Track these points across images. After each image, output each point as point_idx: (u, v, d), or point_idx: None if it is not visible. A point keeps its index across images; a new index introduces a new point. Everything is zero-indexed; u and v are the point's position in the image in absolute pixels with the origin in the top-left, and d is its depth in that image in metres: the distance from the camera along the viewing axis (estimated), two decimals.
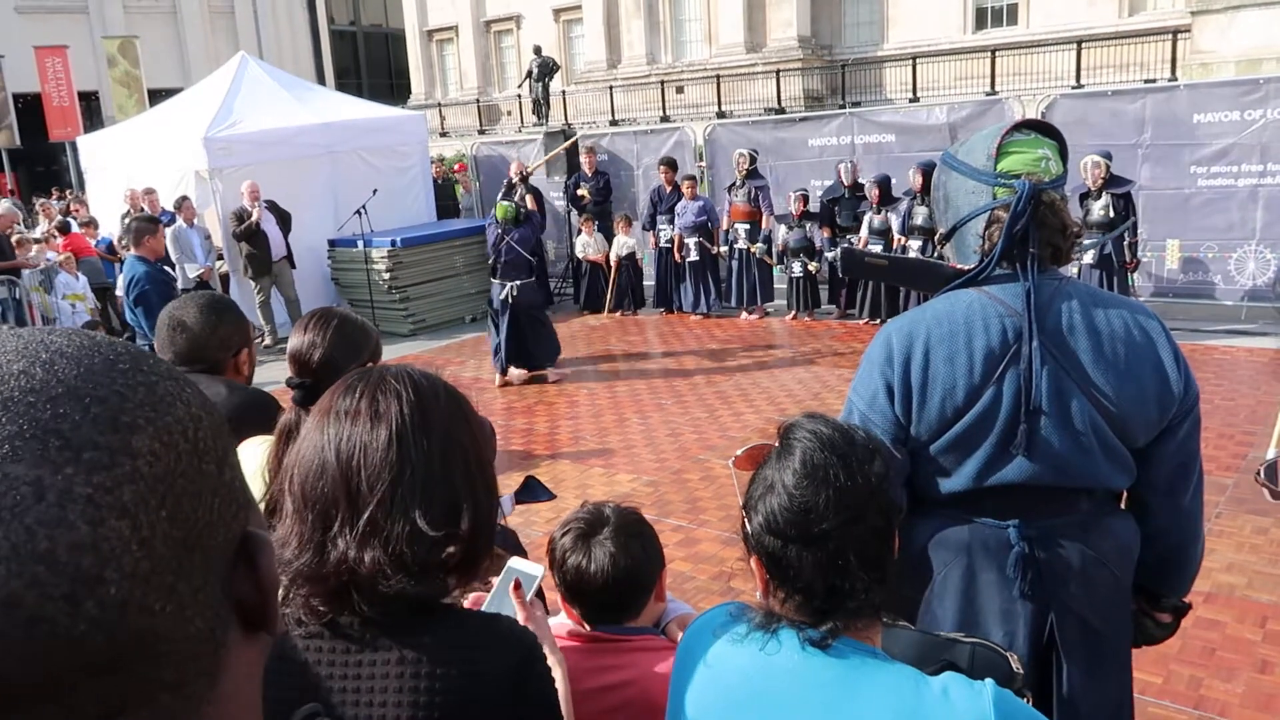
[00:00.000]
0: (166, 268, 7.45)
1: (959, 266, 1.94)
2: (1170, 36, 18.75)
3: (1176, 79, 16.28)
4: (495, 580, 1.54)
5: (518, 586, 1.46)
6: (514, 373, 8.56)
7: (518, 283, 8.39)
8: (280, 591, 1.18)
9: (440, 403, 1.21)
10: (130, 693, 0.45)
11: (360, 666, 1.16)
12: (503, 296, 8.38)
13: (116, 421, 0.46)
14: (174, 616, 0.47)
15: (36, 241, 11.33)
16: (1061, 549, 1.88)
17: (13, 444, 0.43)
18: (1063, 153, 1.94)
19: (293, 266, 10.79)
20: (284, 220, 10.62)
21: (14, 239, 10.78)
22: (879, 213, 9.75)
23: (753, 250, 10.50)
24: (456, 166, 14.53)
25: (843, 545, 1.14)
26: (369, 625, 1.16)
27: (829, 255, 10.17)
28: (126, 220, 11.56)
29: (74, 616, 0.42)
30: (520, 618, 1.42)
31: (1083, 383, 1.81)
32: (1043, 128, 1.96)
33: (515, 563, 1.52)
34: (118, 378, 0.48)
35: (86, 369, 0.47)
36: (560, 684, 1.33)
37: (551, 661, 1.31)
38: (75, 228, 12.43)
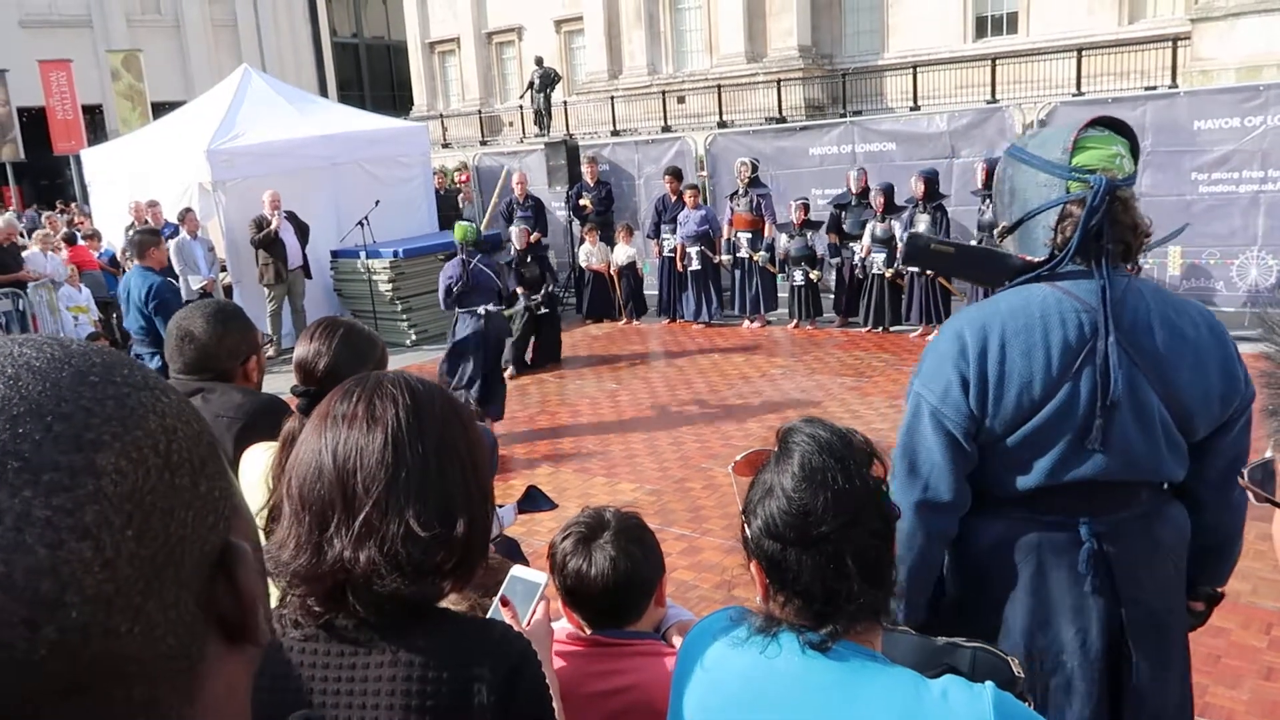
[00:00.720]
0: (170, 279, 7.54)
1: (1028, 259, 1.94)
2: (1170, 44, 18.77)
3: (1177, 86, 16.31)
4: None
5: (506, 602, 1.46)
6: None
7: (492, 307, 7.53)
8: (278, 594, 1.20)
9: (436, 408, 1.22)
10: (99, 714, 0.45)
11: (354, 669, 1.17)
12: (481, 327, 7.45)
13: (80, 439, 0.45)
14: (142, 636, 0.45)
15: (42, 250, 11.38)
16: (1129, 541, 1.89)
17: None
18: (1134, 151, 1.94)
19: (308, 277, 10.87)
20: (302, 231, 10.70)
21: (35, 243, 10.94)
22: (883, 220, 9.76)
23: (755, 258, 10.51)
24: (461, 177, 14.54)
25: (841, 548, 1.15)
26: (364, 626, 1.17)
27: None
28: (129, 233, 11.65)
29: (33, 641, 0.41)
30: (529, 621, 1.42)
31: (1154, 378, 1.83)
32: (1116, 125, 1.95)
33: (518, 571, 1.52)
34: (85, 392, 0.47)
35: (53, 384, 0.46)
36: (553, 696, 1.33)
37: (545, 671, 1.32)
38: (79, 240, 12.48)
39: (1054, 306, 1.84)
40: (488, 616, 1.44)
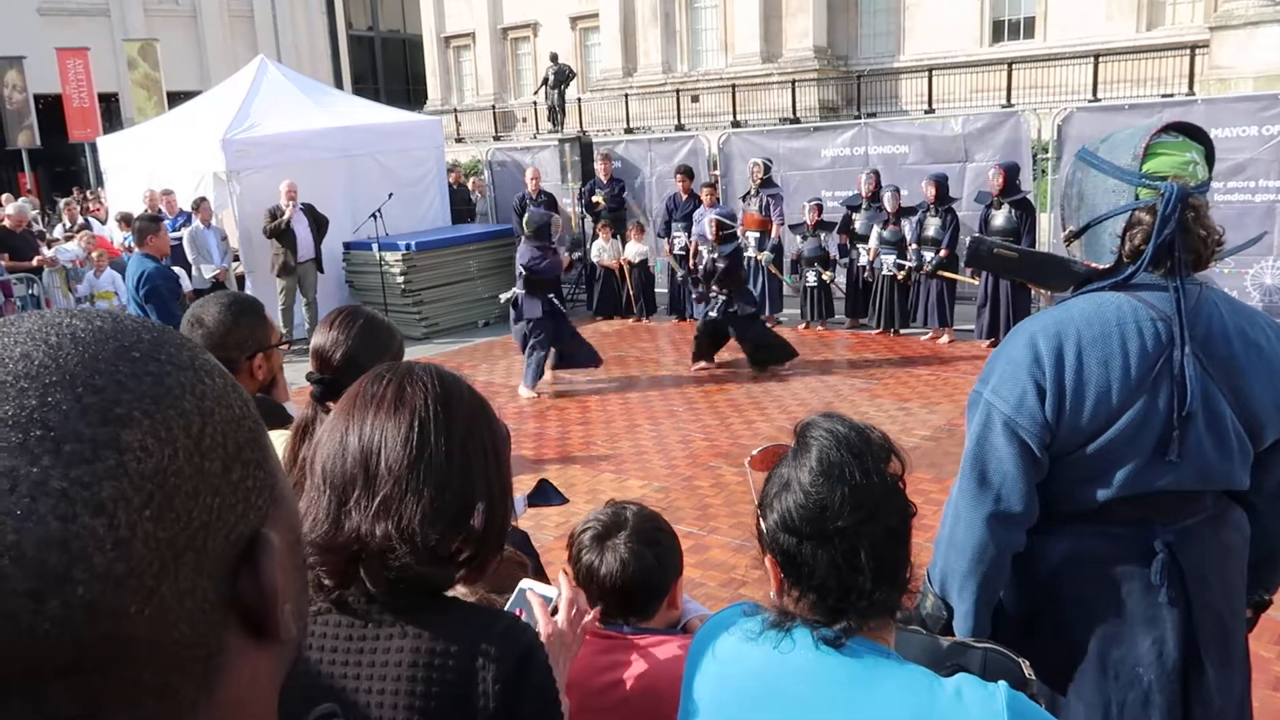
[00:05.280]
0: (176, 267, 7.57)
1: (1092, 265, 1.90)
2: (1188, 51, 18.70)
3: (1194, 94, 16.23)
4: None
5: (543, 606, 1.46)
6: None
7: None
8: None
9: (464, 399, 1.24)
10: (106, 695, 0.44)
11: (364, 641, 1.18)
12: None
13: (108, 413, 0.44)
14: (154, 620, 0.44)
15: (55, 240, 11.49)
16: (1199, 548, 1.86)
17: None
18: (1209, 157, 1.89)
19: (320, 270, 10.87)
20: (319, 224, 10.71)
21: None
22: (896, 223, 9.74)
23: (760, 259, 10.48)
24: (474, 184, 14.53)
25: (857, 544, 1.15)
26: (374, 604, 1.19)
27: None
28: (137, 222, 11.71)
29: (37, 615, 0.41)
30: (544, 631, 1.41)
31: (1227, 387, 1.80)
32: (1191, 130, 1.90)
33: (527, 584, 1.52)
34: (123, 366, 0.46)
35: (91, 356, 0.45)
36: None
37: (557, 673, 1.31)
38: (99, 227, 12.55)
39: (1130, 315, 1.80)
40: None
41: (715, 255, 8.79)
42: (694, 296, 9.89)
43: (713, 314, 8.76)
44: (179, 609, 0.46)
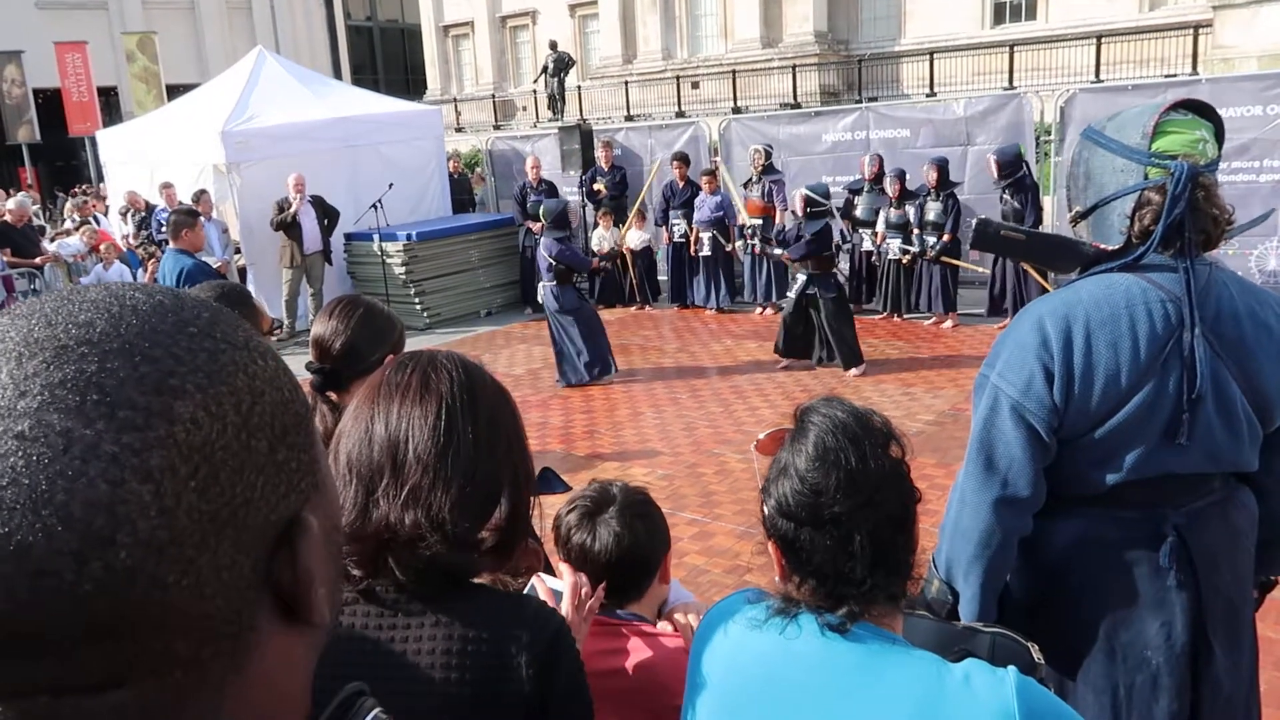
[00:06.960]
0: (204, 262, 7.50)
1: (1101, 246, 1.88)
2: (1191, 31, 18.58)
3: (1198, 74, 16.13)
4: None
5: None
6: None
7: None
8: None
9: (487, 386, 1.24)
10: (136, 661, 0.45)
11: (394, 630, 1.18)
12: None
13: (162, 384, 0.45)
14: (190, 592, 0.45)
15: (62, 234, 11.51)
16: (1208, 530, 1.85)
17: (54, 391, 0.43)
18: (1219, 135, 1.86)
19: (329, 263, 10.87)
20: (329, 216, 10.71)
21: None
22: (898, 207, 9.70)
23: (755, 245, 10.40)
24: (474, 175, 14.50)
25: (853, 529, 1.13)
26: (403, 593, 1.18)
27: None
28: (136, 216, 11.71)
29: (79, 575, 0.41)
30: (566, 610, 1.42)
31: (1237, 369, 1.79)
32: (1200, 108, 1.87)
33: (539, 578, 1.51)
34: (181, 340, 0.47)
35: (151, 328, 0.47)
36: None
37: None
38: (103, 222, 12.55)
39: (1139, 296, 1.77)
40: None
41: (800, 225, 8.24)
42: (753, 249, 9.51)
43: (791, 295, 8.21)
44: (216, 582, 0.46)
